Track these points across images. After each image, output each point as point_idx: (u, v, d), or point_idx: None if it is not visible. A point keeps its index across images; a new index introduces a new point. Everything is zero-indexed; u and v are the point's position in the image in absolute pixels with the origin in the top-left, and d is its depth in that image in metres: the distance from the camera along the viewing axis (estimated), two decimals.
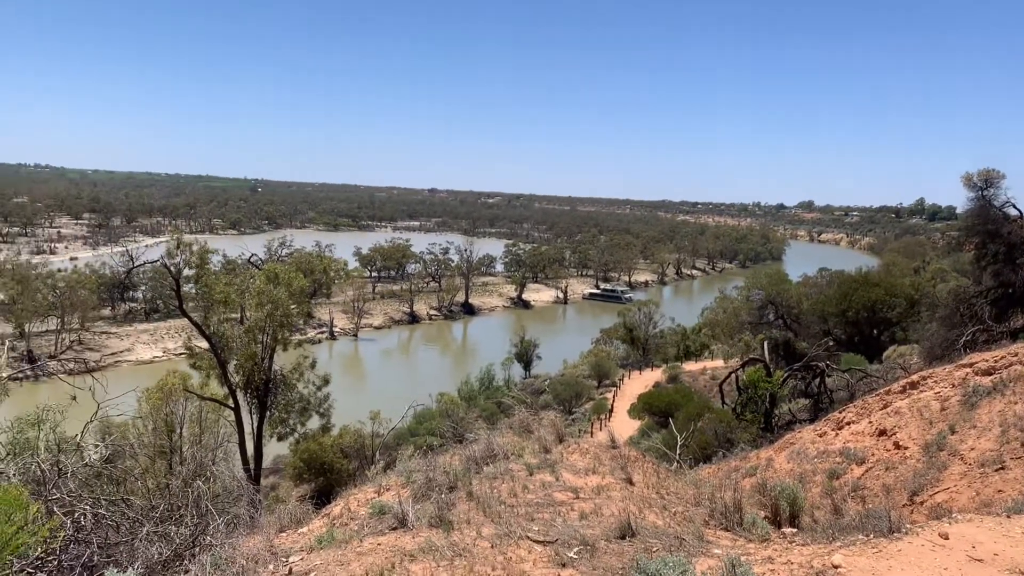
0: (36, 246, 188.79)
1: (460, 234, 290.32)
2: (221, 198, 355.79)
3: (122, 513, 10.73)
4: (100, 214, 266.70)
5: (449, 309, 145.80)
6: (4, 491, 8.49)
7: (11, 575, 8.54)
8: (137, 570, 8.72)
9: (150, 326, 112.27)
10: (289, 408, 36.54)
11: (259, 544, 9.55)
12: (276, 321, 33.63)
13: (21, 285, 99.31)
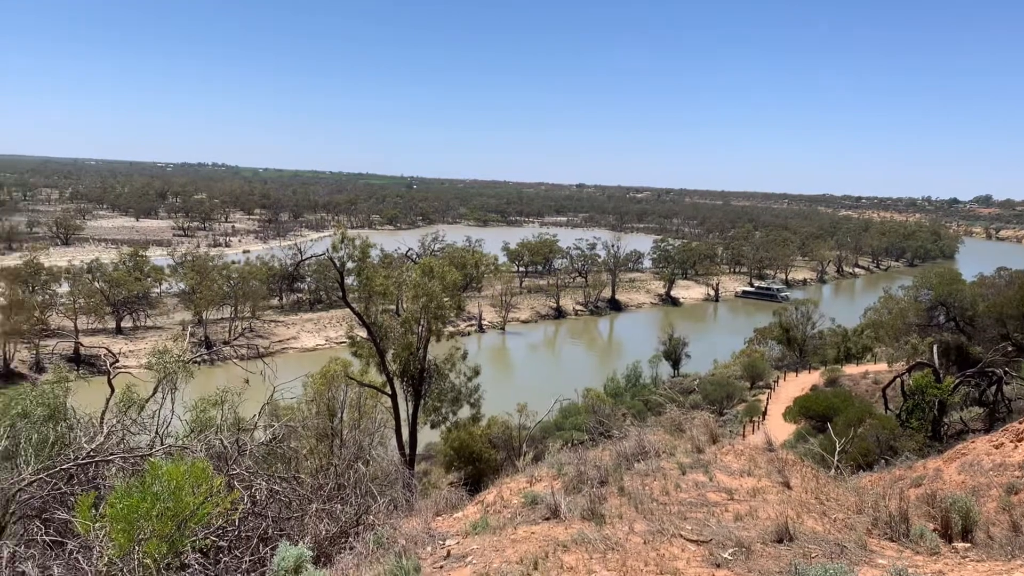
0: (213, 239, 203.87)
1: (607, 229, 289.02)
2: (379, 195, 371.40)
3: (293, 490, 11.48)
4: (270, 210, 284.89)
5: (595, 305, 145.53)
6: (192, 465, 9.30)
7: (197, 542, 9.34)
8: (307, 544, 9.31)
9: (314, 315, 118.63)
10: (442, 397, 37.73)
11: (418, 526, 9.96)
12: (430, 313, 34.79)
13: (200, 276, 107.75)
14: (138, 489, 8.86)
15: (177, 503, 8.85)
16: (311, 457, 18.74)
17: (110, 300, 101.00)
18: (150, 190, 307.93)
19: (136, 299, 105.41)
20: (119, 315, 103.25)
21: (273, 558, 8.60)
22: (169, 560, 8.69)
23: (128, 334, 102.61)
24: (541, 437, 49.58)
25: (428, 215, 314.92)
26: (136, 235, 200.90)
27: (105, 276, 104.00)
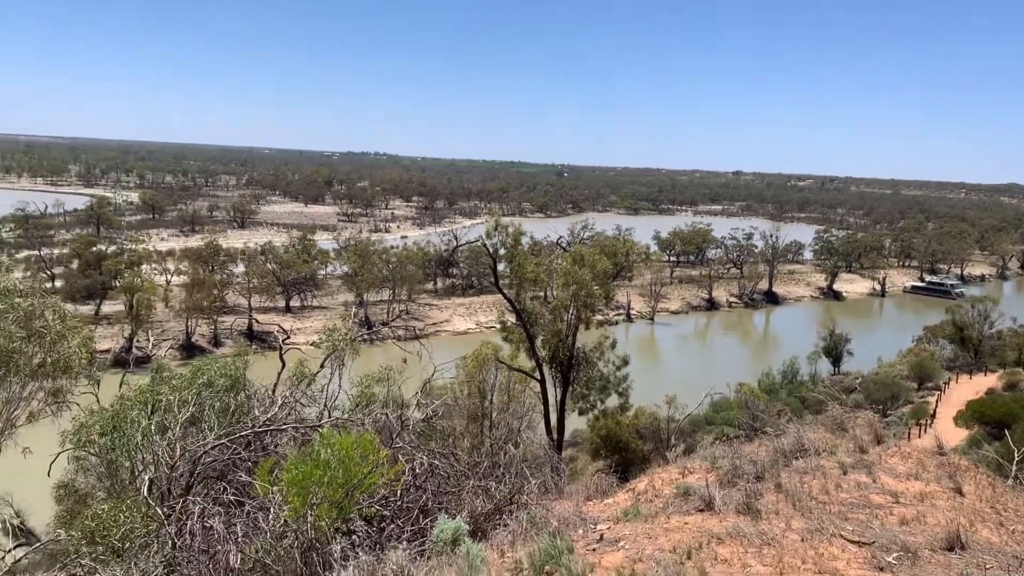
0: (374, 225, 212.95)
1: (765, 219, 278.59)
2: (530, 183, 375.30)
3: (451, 466, 11.96)
4: (426, 197, 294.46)
5: (750, 297, 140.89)
6: (361, 437, 9.89)
7: (363, 509, 9.94)
8: (464, 519, 9.70)
9: (465, 300, 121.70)
10: (590, 385, 37.88)
11: (569, 509, 10.15)
12: (580, 301, 34.96)
13: (361, 259, 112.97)
14: (311, 457, 9.55)
15: (346, 472, 9.45)
16: (464, 436, 19.35)
17: (280, 280, 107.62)
18: (318, 178, 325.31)
19: (303, 280, 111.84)
20: (288, 295, 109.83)
21: (432, 530, 9.05)
22: (338, 525, 9.32)
23: (296, 313, 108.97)
24: (690, 430, 48.74)
25: (578, 203, 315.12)
26: (304, 220, 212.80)
27: (276, 258, 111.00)
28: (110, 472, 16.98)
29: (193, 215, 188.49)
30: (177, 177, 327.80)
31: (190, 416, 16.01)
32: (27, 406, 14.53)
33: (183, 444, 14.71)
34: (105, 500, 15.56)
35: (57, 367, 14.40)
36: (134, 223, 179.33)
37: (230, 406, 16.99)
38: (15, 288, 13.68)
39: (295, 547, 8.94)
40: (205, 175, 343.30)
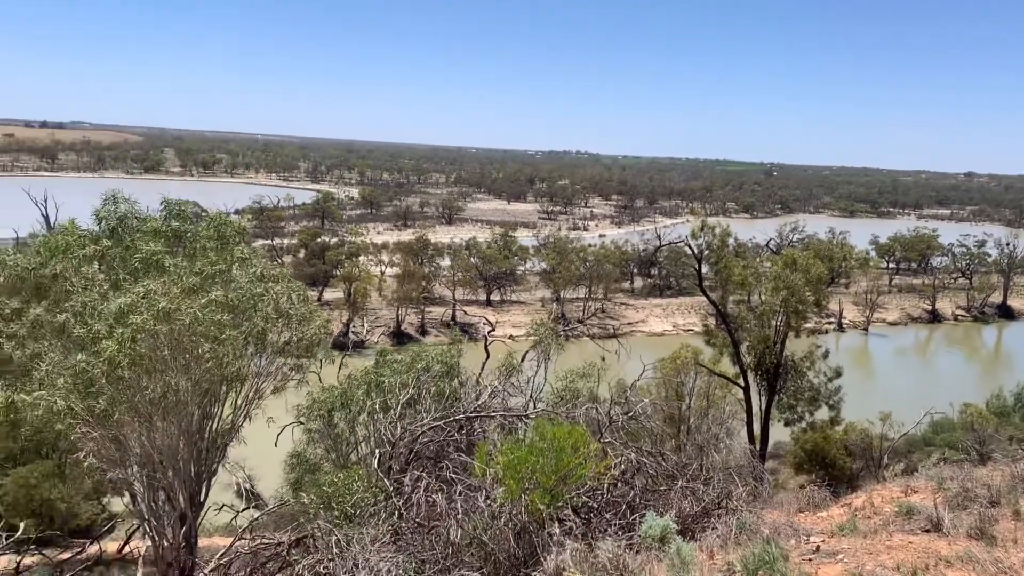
0: (573, 223, 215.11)
1: (1001, 225, 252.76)
2: (736, 182, 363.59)
3: (658, 464, 12.06)
4: (626, 196, 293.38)
5: (980, 310, 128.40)
6: (573, 429, 10.25)
7: (572, 499, 10.29)
8: (672, 518, 9.79)
9: (662, 301, 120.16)
10: (798, 395, 36.29)
11: (780, 518, 9.94)
12: (790, 307, 33.59)
13: (560, 256, 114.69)
14: (526, 444, 10.02)
15: (559, 461, 9.83)
16: (669, 438, 19.32)
17: (482, 274, 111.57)
18: (520, 176, 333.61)
19: (504, 275, 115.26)
20: (489, 288, 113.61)
21: (640, 525, 9.20)
22: (550, 512, 9.72)
23: (496, 306, 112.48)
24: (905, 451, 45.42)
25: (788, 203, 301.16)
26: (507, 217, 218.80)
27: (479, 253, 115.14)
28: (337, 445, 18.66)
29: (406, 211, 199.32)
30: (393, 174, 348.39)
31: (409, 398, 17.22)
32: (273, 380, 16.26)
33: (403, 424, 15.89)
34: (332, 470, 17.16)
35: (300, 346, 16.00)
36: (354, 217, 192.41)
37: (445, 391, 18.03)
38: (269, 274, 15.36)
39: (509, 528, 9.43)
40: (418, 173, 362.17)
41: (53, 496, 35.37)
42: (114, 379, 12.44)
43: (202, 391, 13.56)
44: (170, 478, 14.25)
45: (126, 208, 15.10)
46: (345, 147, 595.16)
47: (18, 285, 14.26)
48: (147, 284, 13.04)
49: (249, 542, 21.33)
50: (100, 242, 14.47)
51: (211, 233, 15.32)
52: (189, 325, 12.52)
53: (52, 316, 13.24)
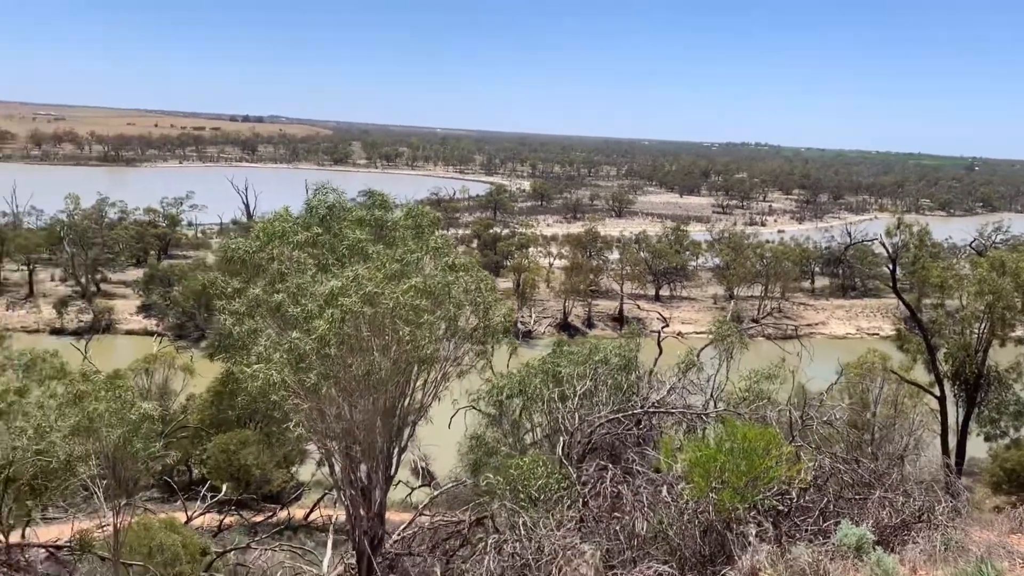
0: (750, 218, 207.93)
1: None
2: (931, 177, 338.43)
3: (853, 471, 11.57)
4: (808, 190, 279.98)
5: None
6: (765, 430, 10.03)
7: (762, 500, 10.07)
8: (869, 527, 9.37)
9: (845, 303, 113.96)
10: (1002, 409, 33.41)
11: (991, 538, 9.28)
12: (996, 313, 30.94)
13: (734, 252, 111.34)
14: (714, 442, 9.92)
15: (748, 461, 9.67)
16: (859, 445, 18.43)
17: (652, 269, 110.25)
18: (695, 169, 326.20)
19: (674, 270, 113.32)
20: (658, 283, 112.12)
21: (835, 533, 8.88)
22: (738, 512, 9.57)
23: (665, 302, 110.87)
24: None
25: (991, 201, 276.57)
26: (678, 211, 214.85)
27: (649, 247, 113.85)
28: (513, 430, 19.23)
29: (576, 203, 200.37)
30: (564, 167, 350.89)
31: (586, 389, 17.46)
32: (459, 364, 17.00)
33: (580, 414, 16.15)
34: (511, 455, 17.74)
35: (486, 332, 16.62)
36: (524, 209, 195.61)
37: (622, 384, 18.12)
38: (458, 263, 16.06)
39: (696, 524, 9.40)
40: (588, 166, 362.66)
41: (249, 462, 38.55)
42: (322, 356, 13.49)
43: (399, 371, 14.43)
44: (365, 452, 15.26)
45: (334, 198, 16.29)
46: (518, 140, 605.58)
47: (239, 267, 15.76)
48: (355, 269, 14.05)
49: (430, 518, 22.39)
50: (311, 229, 15.71)
51: (409, 223, 16.23)
52: (392, 309, 13.36)
53: (268, 296, 14.54)
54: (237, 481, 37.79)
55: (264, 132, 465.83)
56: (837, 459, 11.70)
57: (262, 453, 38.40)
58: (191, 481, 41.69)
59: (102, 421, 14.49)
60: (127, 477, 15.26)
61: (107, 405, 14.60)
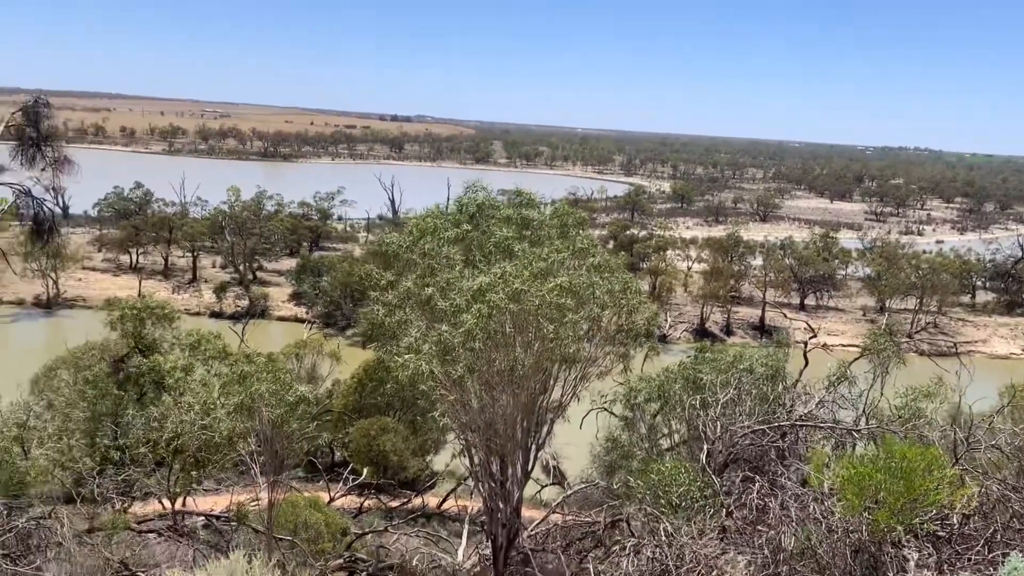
0: (905, 226, 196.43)
1: None
2: None
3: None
4: (972, 199, 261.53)
5: None
6: (928, 450, 9.46)
7: (920, 524, 9.51)
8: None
9: (1010, 320, 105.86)
10: None
11: None
12: None
13: (887, 262, 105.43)
14: (869, 460, 9.45)
15: (909, 483, 9.15)
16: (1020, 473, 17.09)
17: (797, 277, 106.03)
18: (847, 173, 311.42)
19: (821, 279, 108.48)
20: (804, 292, 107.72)
21: (1002, 566, 8.26)
22: (894, 535, 9.09)
23: (810, 311, 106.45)
24: None
25: None
26: (828, 216, 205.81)
27: (795, 254, 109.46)
28: (650, 434, 19.02)
29: (718, 206, 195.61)
30: (707, 169, 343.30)
31: (729, 399, 17.00)
32: (600, 365, 17.00)
33: (723, 422, 15.76)
34: (648, 459, 17.57)
35: (629, 335, 16.55)
36: (664, 211, 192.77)
37: (767, 395, 17.56)
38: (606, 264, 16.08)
39: (846, 544, 9.00)
40: (733, 167, 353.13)
41: (387, 448, 39.92)
42: (468, 349, 13.85)
43: (540, 368, 14.60)
44: (505, 446, 15.53)
45: (483, 196, 16.66)
46: (659, 140, 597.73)
47: (392, 260, 16.42)
48: (502, 266, 14.35)
49: (562, 516, 22.51)
50: (461, 226, 16.14)
51: (555, 222, 16.38)
52: (537, 307, 13.54)
53: (419, 289, 15.07)
54: (376, 466, 39.19)
55: (411, 131, 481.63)
56: (1007, 486, 10.88)
57: (400, 440, 39.65)
58: (333, 463, 43.61)
59: (262, 401, 15.48)
60: (281, 455, 16.23)
61: (267, 386, 15.58)
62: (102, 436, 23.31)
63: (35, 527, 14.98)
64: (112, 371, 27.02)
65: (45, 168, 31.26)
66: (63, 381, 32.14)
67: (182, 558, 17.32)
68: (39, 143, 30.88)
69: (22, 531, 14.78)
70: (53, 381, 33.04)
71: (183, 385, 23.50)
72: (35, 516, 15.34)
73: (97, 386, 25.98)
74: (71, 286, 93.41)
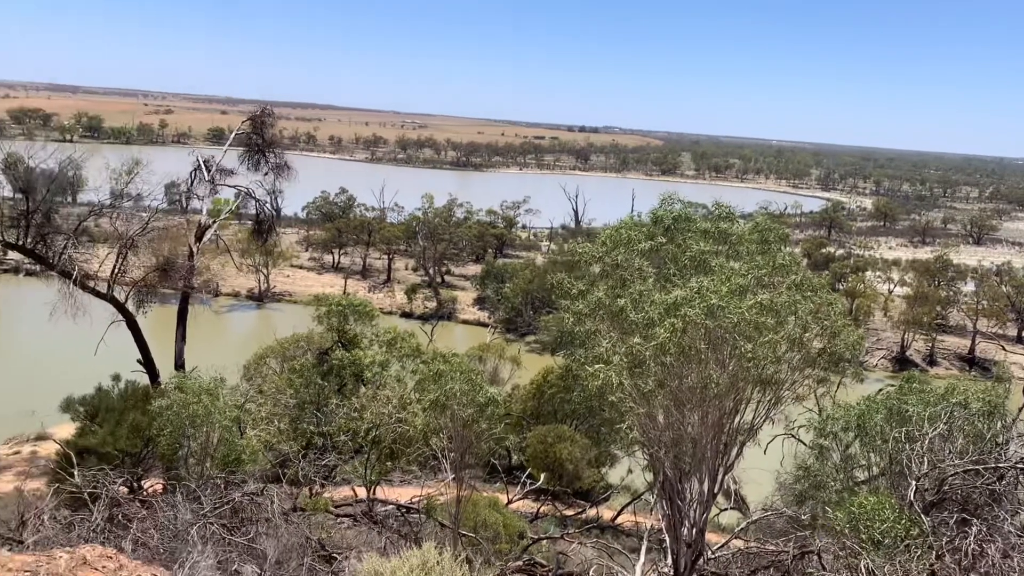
0: None
1: None
2: None
3: None
4: None
5: None
6: None
7: None
8: None
9: None
10: None
11: None
12: None
13: None
14: None
15: None
16: None
17: (1015, 306, 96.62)
18: None
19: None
20: (1022, 323, 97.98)
21: None
22: None
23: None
24: None
25: None
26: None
27: (1014, 280, 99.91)
28: (845, 466, 17.94)
29: (925, 226, 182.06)
30: (914, 186, 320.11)
31: (938, 433, 15.68)
32: (797, 388, 16.28)
33: (930, 458, 14.57)
34: (841, 491, 16.57)
35: (831, 359, 15.76)
36: (864, 229, 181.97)
37: (983, 432, 16.09)
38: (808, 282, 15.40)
39: None
40: (944, 185, 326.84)
41: (563, 456, 40.16)
42: (660, 363, 13.68)
43: (735, 388, 14.17)
44: (692, 465, 15.19)
45: (680, 209, 16.44)
46: (862, 155, 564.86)
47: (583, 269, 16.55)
48: (699, 280, 14.07)
49: (744, 543, 21.71)
50: (655, 238, 15.99)
51: (755, 236, 15.85)
52: (735, 324, 13.16)
53: (611, 300, 15.07)
54: (551, 472, 39.60)
55: (597, 142, 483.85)
56: None
57: (577, 450, 39.83)
58: (510, 466, 44.51)
59: (455, 399, 16.10)
60: (472, 453, 16.79)
61: (460, 386, 16.18)
62: (308, 422, 25.13)
63: (249, 502, 16.45)
64: (317, 362, 29.06)
65: (267, 172, 34.35)
66: (271, 369, 35.00)
67: (374, 543, 18.32)
68: (263, 150, 34.01)
69: (237, 504, 16.28)
70: (263, 368, 36.05)
71: (380, 379, 24.85)
72: (249, 492, 16.84)
73: (303, 375, 28.05)
74: (280, 282, 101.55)
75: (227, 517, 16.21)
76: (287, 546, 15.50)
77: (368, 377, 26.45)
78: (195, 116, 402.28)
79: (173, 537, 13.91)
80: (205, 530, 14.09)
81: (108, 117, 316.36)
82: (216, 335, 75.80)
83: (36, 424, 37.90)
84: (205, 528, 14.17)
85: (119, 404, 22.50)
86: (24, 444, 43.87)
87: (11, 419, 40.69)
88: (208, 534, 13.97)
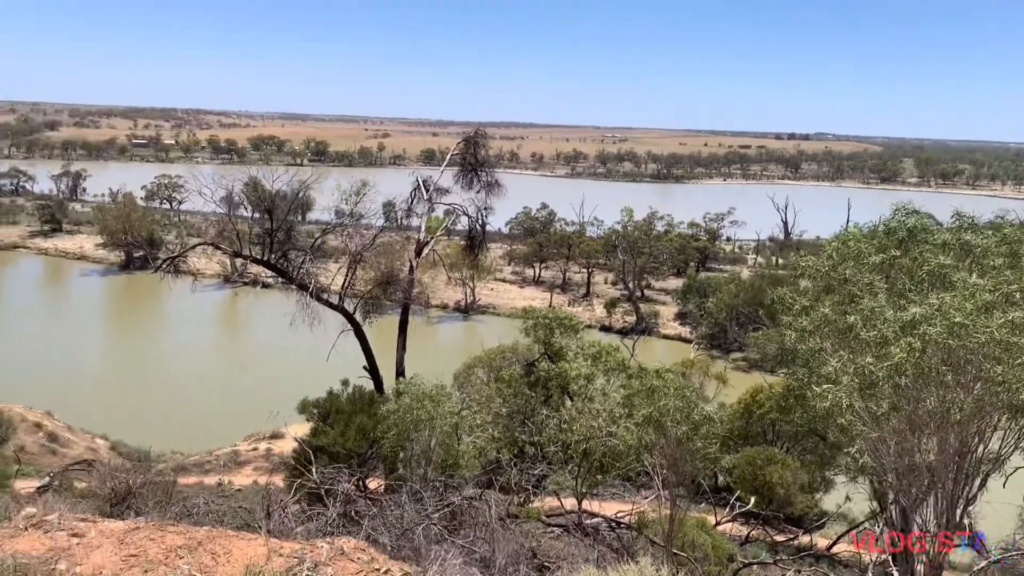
0: None
1: None
2: None
3: None
4: None
5: None
6: None
7: None
8: None
9: None
10: None
11: None
12: None
13: None
14: None
15: None
16: None
17: None
18: None
19: None
20: None
21: None
22: None
23: None
24: None
25: None
26: None
27: None
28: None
29: None
30: None
31: None
32: None
33: None
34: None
35: None
36: None
37: None
38: None
39: None
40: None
41: (773, 480, 38.34)
42: (894, 385, 12.74)
43: (980, 414, 12.93)
44: (928, 495, 14.00)
45: (915, 220, 15.28)
46: None
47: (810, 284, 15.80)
48: (940, 296, 12.98)
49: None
50: (888, 251, 14.96)
51: (1003, 249, 14.40)
52: (982, 344, 12.02)
53: (838, 316, 14.25)
54: (760, 496, 37.95)
55: (809, 149, 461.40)
56: None
57: (789, 474, 37.98)
58: (716, 487, 43.16)
59: (669, 416, 15.87)
60: (685, 472, 16.48)
61: (674, 402, 15.93)
62: (520, 431, 25.84)
63: (467, 506, 17.13)
64: (524, 373, 29.79)
65: (479, 190, 35.89)
66: (479, 379, 36.32)
67: (585, 556, 18.42)
68: (476, 169, 35.57)
69: (456, 508, 17.01)
70: (471, 377, 37.49)
71: (586, 392, 25.03)
72: (468, 496, 17.54)
73: (511, 385, 28.85)
74: (484, 294, 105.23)
75: (446, 519, 16.96)
76: (507, 552, 15.94)
77: (574, 389, 26.73)
78: (409, 139, 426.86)
79: (400, 535, 14.74)
80: (429, 530, 14.82)
81: (333, 142, 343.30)
82: (428, 344, 79.79)
83: (279, 424, 41.69)
84: (429, 528, 14.91)
85: (348, 407, 24.31)
86: (261, 441, 48.42)
87: (259, 419, 44.87)
88: (432, 535, 14.68)
